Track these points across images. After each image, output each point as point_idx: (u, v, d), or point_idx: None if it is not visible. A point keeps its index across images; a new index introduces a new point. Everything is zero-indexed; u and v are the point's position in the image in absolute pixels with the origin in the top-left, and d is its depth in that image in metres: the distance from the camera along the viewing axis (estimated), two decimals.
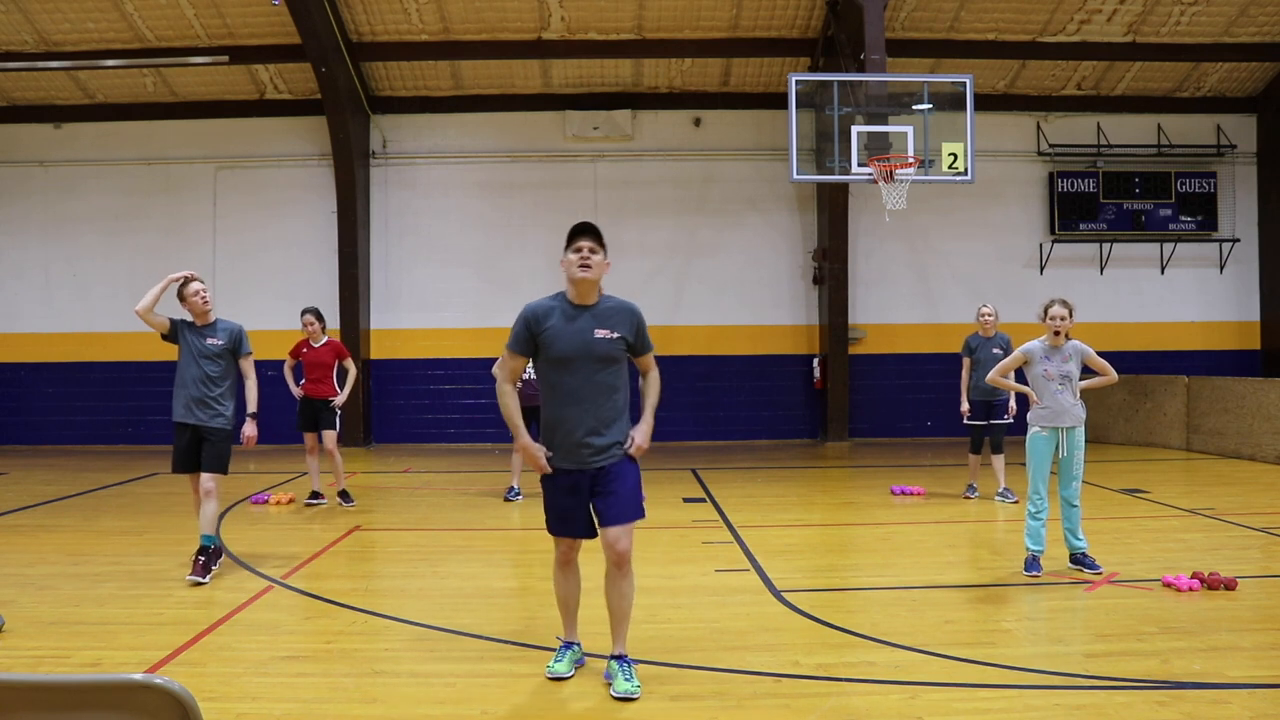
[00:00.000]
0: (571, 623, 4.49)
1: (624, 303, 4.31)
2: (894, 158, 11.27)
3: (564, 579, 4.43)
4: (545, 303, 4.22)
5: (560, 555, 4.39)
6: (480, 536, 8.15)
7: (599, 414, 4.15)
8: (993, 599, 5.76)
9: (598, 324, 4.15)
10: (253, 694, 4.15)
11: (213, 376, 6.48)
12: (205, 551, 6.32)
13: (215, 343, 6.52)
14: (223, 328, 6.58)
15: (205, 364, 6.48)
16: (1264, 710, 3.84)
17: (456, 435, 15.81)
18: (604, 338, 4.14)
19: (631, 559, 4.23)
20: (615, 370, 4.20)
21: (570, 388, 4.15)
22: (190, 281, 6.54)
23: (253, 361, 6.73)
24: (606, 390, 4.17)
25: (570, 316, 4.16)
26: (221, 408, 6.50)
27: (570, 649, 4.45)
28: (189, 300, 6.52)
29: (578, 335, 4.12)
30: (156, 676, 1.50)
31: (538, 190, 15.93)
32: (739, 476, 11.66)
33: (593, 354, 4.13)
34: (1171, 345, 16.31)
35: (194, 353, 6.48)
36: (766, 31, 15.02)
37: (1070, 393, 6.27)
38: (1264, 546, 7.23)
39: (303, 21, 13.59)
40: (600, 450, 4.16)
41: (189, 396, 6.46)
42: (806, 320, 16.20)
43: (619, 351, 4.19)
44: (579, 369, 4.13)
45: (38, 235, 15.96)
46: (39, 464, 13.40)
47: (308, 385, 9.48)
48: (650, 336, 4.34)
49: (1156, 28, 14.99)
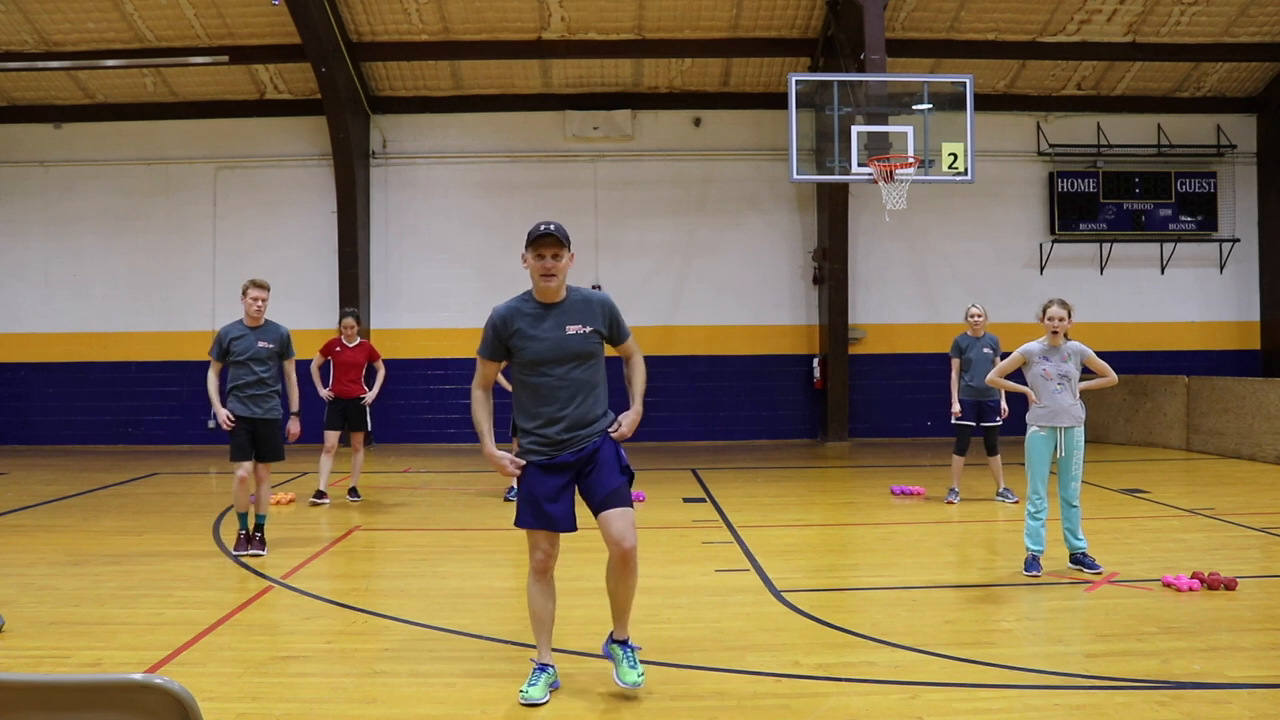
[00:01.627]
0: (548, 641, 4.16)
1: (591, 293, 4.22)
2: (894, 158, 11.27)
3: (540, 591, 4.11)
4: (512, 305, 4.11)
5: (537, 561, 4.08)
6: (480, 536, 8.15)
7: (578, 412, 4.02)
8: (993, 599, 5.76)
9: (568, 320, 4.03)
10: (253, 694, 4.14)
11: (263, 376, 7.11)
12: (261, 528, 7.13)
13: (266, 345, 7.12)
14: (272, 331, 7.23)
15: (256, 366, 7.07)
16: (1264, 710, 3.84)
17: (456, 435, 15.80)
18: (577, 333, 4.02)
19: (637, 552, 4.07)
20: (592, 365, 4.07)
21: (547, 388, 4.01)
22: (254, 287, 7.20)
23: (294, 363, 7.39)
24: (585, 387, 4.04)
25: (539, 317, 4.05)
26: (275, 400, 7.18)
27: (545, 671, 4.10)
28: (245, 302, 7.20)
29: (549, 335, 4.01)
30: (156, 676, 1.50)
31: (538, 190, 15.93)
32: (739, 476, 11.66)
33: (567, 352, 4.00)
34: (1171, 345, 16.31)
35: (248, 358, 7.07)
36: (766, 31, 15.02)
37: (1069, 393, 6.27)
38: (1264, 546, 7.23)
39: (303, 21, 13.59)
40: (582, 440, 4.03)
41: (243, 394, 7.06)
42: (806, 320, 16.20)
43: (594, 345, 4.07)
44: (554, 369, 4.00)
45: (38, 235, 15.96)
46: (39, 464, 13.40)
47: (338, 385, 9.62)
48: (626, 323, 4.24)
49: (1156, 28, 14.99)
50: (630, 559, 4.02)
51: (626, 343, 4.24)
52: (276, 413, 7.17)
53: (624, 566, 4.04)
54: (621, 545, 3.98)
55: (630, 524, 4.01)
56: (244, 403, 7.05)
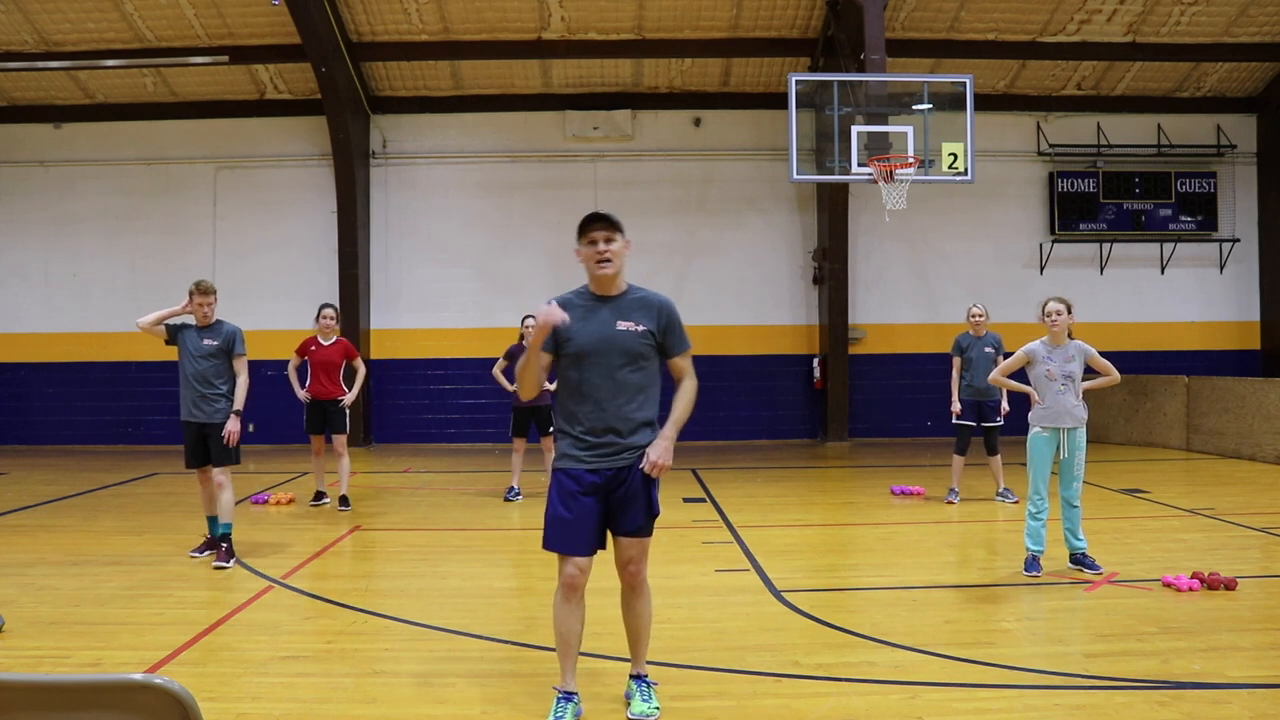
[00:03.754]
0: (572, 667, 3.86)
1: (653, 294, 3.93)
2: (894, 158, 11.27)
3: (567, 611, 3.81)
4: (566, 296, 3.90)
5: (567, 577, 3.77)
6: (480, 536, 8.15)
7: (621, 413, 3.76)
8: (993, 599, 5.76)
9: (620, 316, 3.80)
10: (253, 694, 4.14)
11: (209, 375, 6.82)
12: (226, 539, 6.76)
13: (210, 343, 6.82)
14: (219, 329, 6.90)
15: (201, 363, 6.81)
16: (1264, 710, 3.84)
17: (456, 435, 15.81)
18: (627, 330, 3.77)
19: (646, 578, 3.92)
20: (642, 369, 3.81)
21: (590, 385, 3.77)
22: (200, 293, 6.84)
23: (245, 362, 6.98)
24: (630, 389, 3.78)
25: (591, 309, 3.83)
26: (222, 404, 6.85)
27: (570, 701, 3.81)
28: (193, 305, 6.85)
29: (598, 328, 3.78)
30: (156, 676, 1.50)
31: (538, 190, 15.93)
32: (739, 476, 11.66)
33: (613, 347, 3.75)
34: (1171, 345, 16.31)
35: (191, 353, 6.82)
36: (766, 31, 15.01)
37: (1072, 393, 6.26)
38: (1264, 546, 7.23)
39: (303, 21, 13.59)
40: (620, 450, 3.76)
41: (191, 395, 6.83)
42: (806, 320, 16.20)
43: (644, 347, 3.81)
44: (599, 364, 3.76)
45: (38, 235, 15.95)
46: (39, 464, 13.40)
47: (314, 386, 9.21)
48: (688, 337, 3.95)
49: (1156, 28, 14.99)
50: (635, 583, 3.88)
51: (680, 359, 3.95)
52: (224, 415, 6.85)
53: (630, 592, 3.91)
54: (628, 569, 3.85)
55: (643, 552, 3.85)
56: (190, 406, 6.83)
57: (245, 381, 6.96)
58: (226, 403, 6.86)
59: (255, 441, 15.56)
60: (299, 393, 9.43)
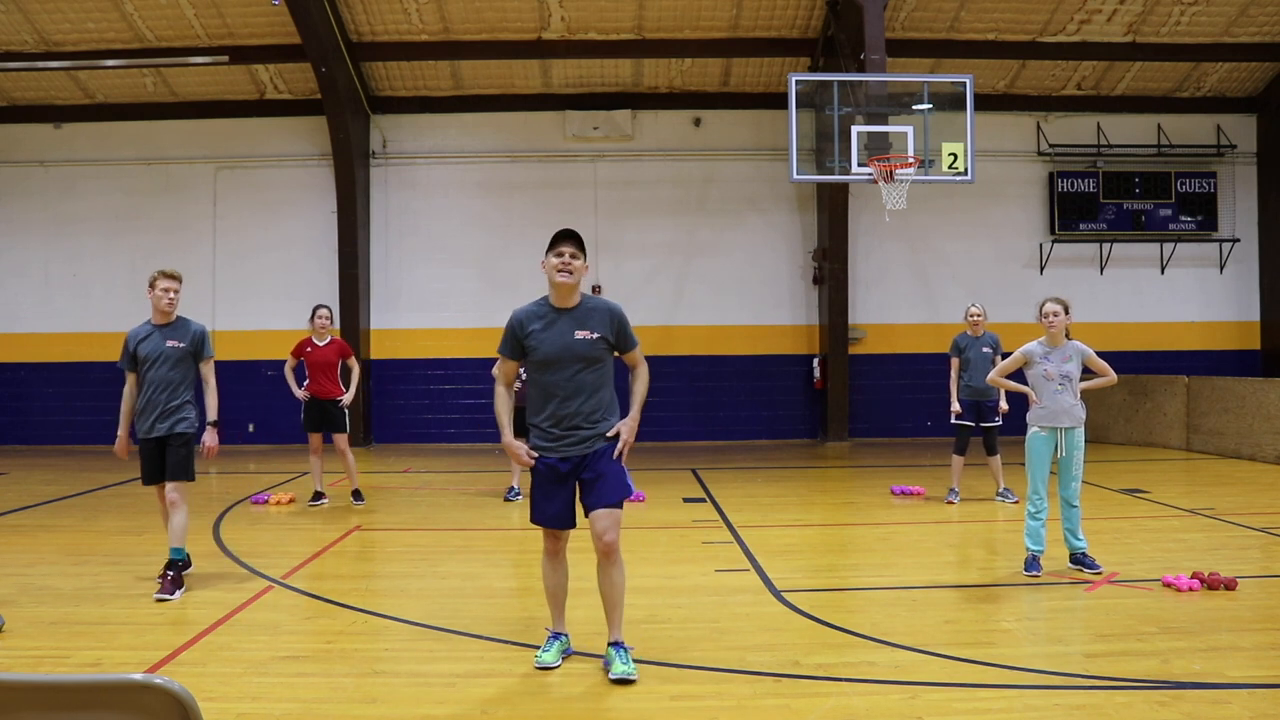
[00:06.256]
0: (560, 613, 4.63)
1: (603, 302, 4.53)
2: (894, 158, 11.27)
3: (552, 570, 4.58)
4: (529, 308, 4.46)
5: (548, 546, 4.55)
6: (480, 536, 8.15)
7: (583, 409, 4.37)
8: (993, 599, 5.76)
9: (577, 325, 4.37)
10: (253, 694, 4.14)
11: (175, 382, 6.00)
12: (174, 566, 5.92)
13: (175, 344, 6.01)
14: (183, 328, 6.10)
15: (164, 369, 5.96)
16: (1264, 710, 3.84)
17: (456, 435, 15.81)
18: (584, 338, 4.35)
19: (619, 547, 4.40)
20: (598, 369, 4.40)
21: (555, 385, 4.37)
22: (164, 277, 6.08)
23: (214, 366, 6.26)
24: (589, 388, 4.38)
25: (551, 320, 4.39)
26: (182, 413, 6.04)
27: (558, 639, 4.56)
28: (154, 294, 6.06)
29: (559, 338, 4.35)
30: (156, 676, 1.50)
31: (538, 190, 15.93)
32: (739, 476, 11.66)
33: (572, 354, 4.34)
34: (1171, 345, 16.31)
35: (153, 361, 5.98)
36: (766, 31, 15.02)
37: (1070, 393, 6.26)
38: (1264, 546, 7.23)
39: (303, 21, 13.59)
40: (585, 439, 4.36)
41: (154, 409, 5.99)
42: (806, 320, 16.20)
43: (600, 351, 4.39)
44: (562, 369, 4.35)
45: (38, 235, 15.96)
46: (39, 464, 13.40)
47: (312, 386, 9.31)
48: (635, 333, 4.54)
49: (1156, 28, 14.99)
50: (610, 551, 4.37)
51: (632, 352, 4.54)
52: (189, 426, 6.03)
53: (604, 559, 4.40)
54: (603, 539, 4.34)
55: (615, 522, 4.36)
56: (153, 420, 5.96)
57: (215, 387, 6.21)
58: (192, 410, 6.08)
59: (255, 441, 15.58)
60: (296, 392, 9.49)
